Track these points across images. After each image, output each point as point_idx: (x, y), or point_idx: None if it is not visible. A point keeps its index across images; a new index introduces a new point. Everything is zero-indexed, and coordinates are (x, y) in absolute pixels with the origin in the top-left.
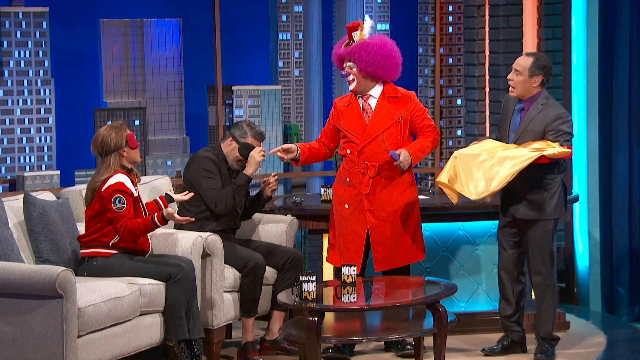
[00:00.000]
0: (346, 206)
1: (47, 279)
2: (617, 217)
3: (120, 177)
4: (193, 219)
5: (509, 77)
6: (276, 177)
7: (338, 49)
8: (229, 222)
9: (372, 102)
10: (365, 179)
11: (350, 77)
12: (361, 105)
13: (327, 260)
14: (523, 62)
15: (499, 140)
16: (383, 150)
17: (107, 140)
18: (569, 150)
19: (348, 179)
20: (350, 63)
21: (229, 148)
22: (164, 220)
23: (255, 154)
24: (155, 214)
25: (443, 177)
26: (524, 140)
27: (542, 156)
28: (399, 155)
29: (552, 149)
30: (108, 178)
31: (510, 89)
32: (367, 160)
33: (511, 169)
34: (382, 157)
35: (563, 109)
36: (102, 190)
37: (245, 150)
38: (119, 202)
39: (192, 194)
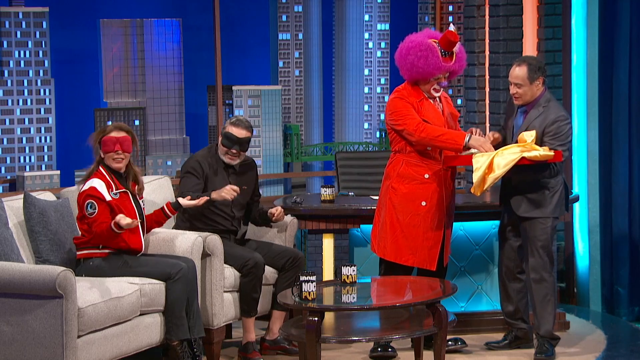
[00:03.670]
0: (423, 203)
1: (47, 279)
2: (617, 217)
3: (93, 182)
4: (138, 222)
5: (512, 91)
6: (281, 211)
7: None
8: (226, 223)
9: (437, 101)
10: (448, 174)
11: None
12: (432, 102)
13: (389, 258)
14: (519, 74)
15: (504, 137)
16: None
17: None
18: (552, 153)
19: (427, 176)
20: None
21: (219, 142)
22: (119, 227)
23: (226, 190)
24: (113, 222)
25: (481, 189)
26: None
27: (523, 158)
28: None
29: (535, 151)
30: (87, 180)
31: (515, 100)
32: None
33: (499, 170)
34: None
35: (563, 111)
36: (78, 194)
37: (226, 139)
38: (90, 207)
39: (206, 198)
